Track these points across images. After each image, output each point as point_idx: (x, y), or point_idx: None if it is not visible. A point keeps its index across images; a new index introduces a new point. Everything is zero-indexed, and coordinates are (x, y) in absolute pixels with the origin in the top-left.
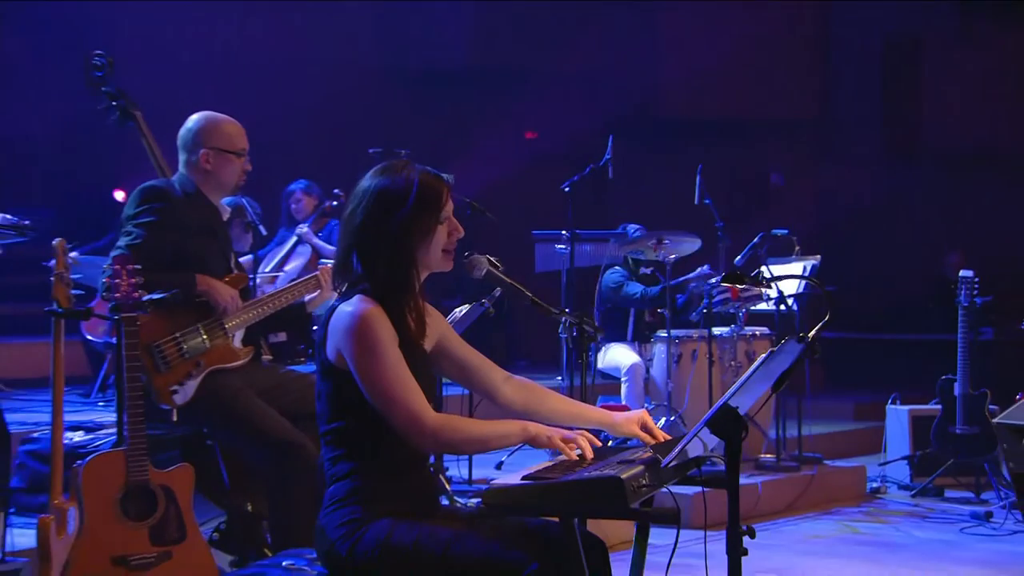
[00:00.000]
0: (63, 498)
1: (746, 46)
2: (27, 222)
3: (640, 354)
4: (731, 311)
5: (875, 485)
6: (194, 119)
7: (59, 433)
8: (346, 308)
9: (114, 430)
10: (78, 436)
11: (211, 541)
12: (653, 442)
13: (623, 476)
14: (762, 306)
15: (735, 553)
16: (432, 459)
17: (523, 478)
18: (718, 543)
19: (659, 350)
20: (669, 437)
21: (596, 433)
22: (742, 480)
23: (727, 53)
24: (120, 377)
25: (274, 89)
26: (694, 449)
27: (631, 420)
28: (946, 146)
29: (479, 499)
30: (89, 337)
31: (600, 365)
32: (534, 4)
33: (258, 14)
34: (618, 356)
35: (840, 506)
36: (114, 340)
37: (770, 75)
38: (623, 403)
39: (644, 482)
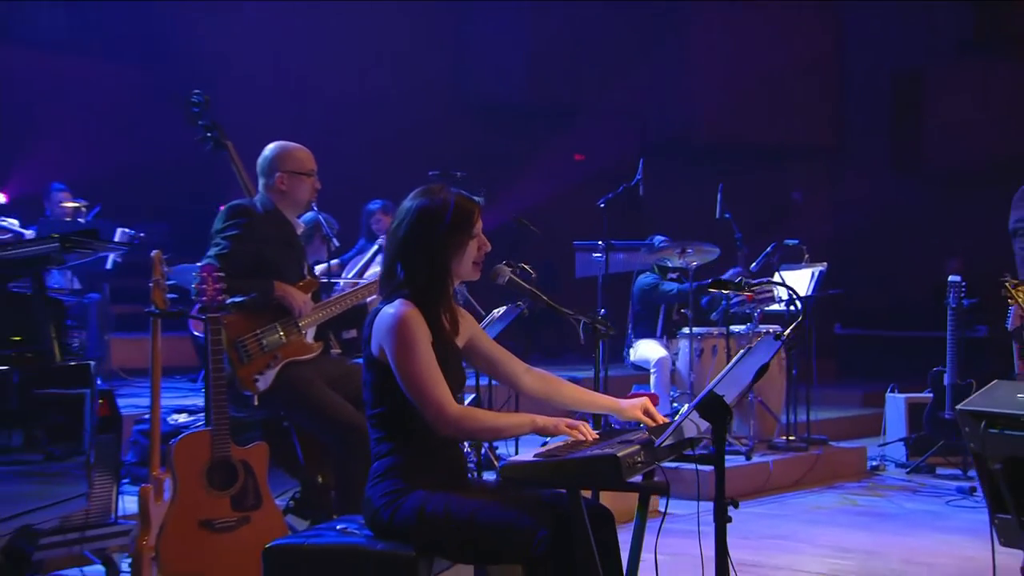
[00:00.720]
0: (160, 470)
1: (769, 81)
2: (142, 234)
3: (667, 349)
4: (747, 311)
5: (875, 463)
6: (270, 148)
7: (156, 415)
8: (388, 310)
9: None
10: (182, 418)
11: (288, 508)
12: (653, 425)
13: (619, 454)
14: (775, 307)
15: (721, 521)
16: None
17: (535, 455)
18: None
19: (683, 345)
20: (668, 421)
21: (603, 418)
22: (756, 459)
23: (752, 87)
24: (207, 368)
25: (354, 118)
26: (690, 430)
27: (635, 406)
28: (945, 164)
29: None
30: (195, 333)
31: (632, 359)
32: (583, 46)
33: (347, 52)
34: (648, 351)
35: (842, 482)
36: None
37: (790, 105)
38: (652, 391)
39: (639, 459)
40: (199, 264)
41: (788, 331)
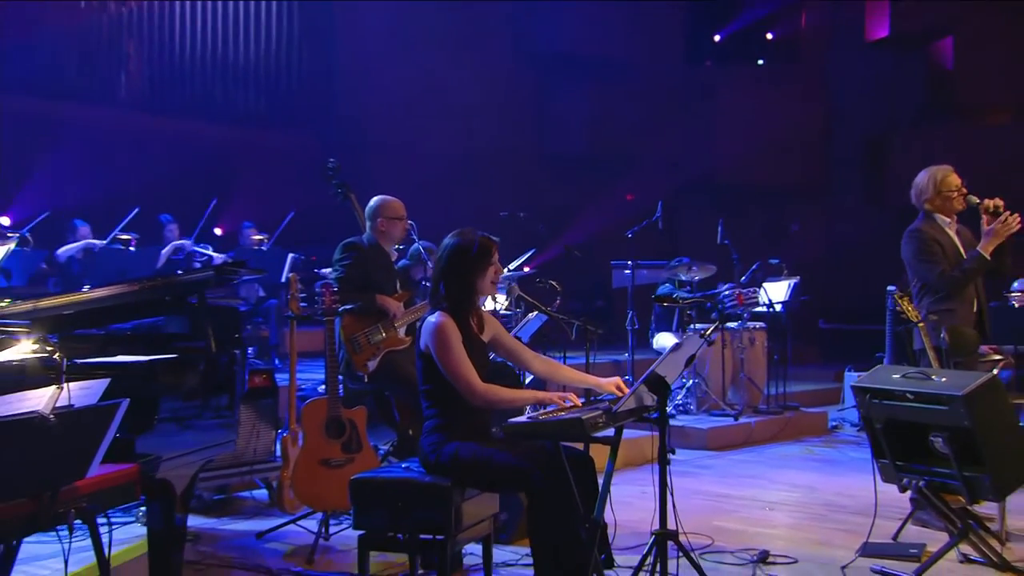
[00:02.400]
0: (296, 425)
1: (773, 138)
2: (302, 256)
3: (679, 338)
4: (739, 312)
5: (834, 424)
6: (374, 200)
7: (293, 386)
8: (431, 319)
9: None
10: (321, 388)
11: (388, 452)
12: (620, 396)
13: (584, 417)
14: (760, 309)
15: (663, 461)
16: None
17: (527, 417)
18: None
19: (693, 338)
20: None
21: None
22: (743, 420)
23: (761, 142)
24: (326, 354)
25: (458, 170)
26: (645, 400)
27: (611, 383)
28: (903, 202)
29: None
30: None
31: (655, 346)
32: (631, 108)
33: (454, 116)
34: (664, 340)
35: (808, 437)
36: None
37: (789, 157)
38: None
39: (601, 421)
40: (319, 284)
41: (710, 332)
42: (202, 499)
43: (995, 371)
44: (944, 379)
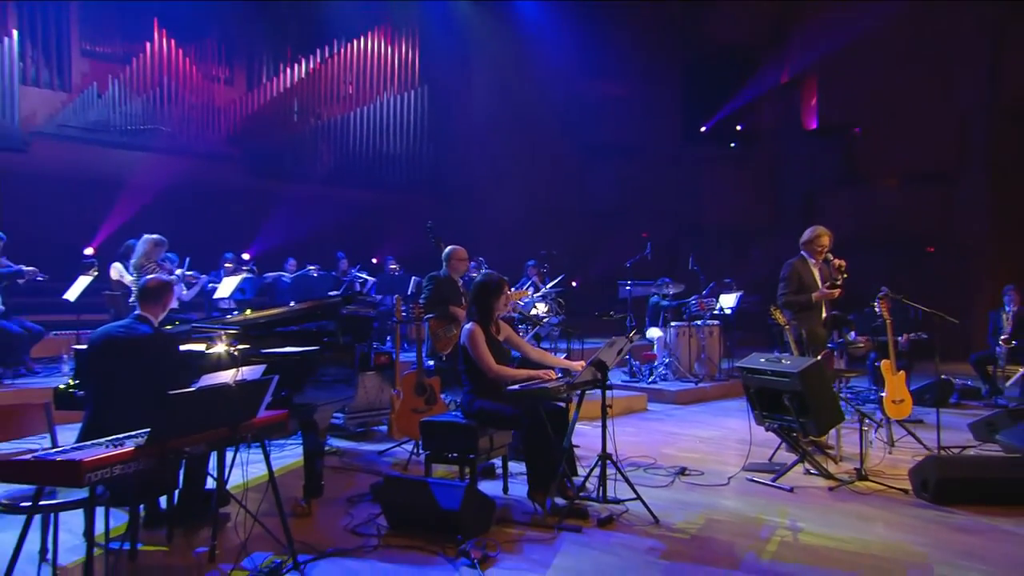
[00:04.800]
0: (400, 386)
1: (738, 194)
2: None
3: (663, 332)
4: (702, 314)
5: None
6: (447, 249)
7: (398, 362)
8: (467, 327)
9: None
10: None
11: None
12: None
13: (549, 387)
14: (719, 311)
15: (604, 413)
16: None
17: (520, 386)
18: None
19: (671, 330)
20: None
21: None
22: (702, 385)
23: (731, 197)
24: (419, 347)
25: (522, 223)
26: (596, 375)
27: (577, 365)
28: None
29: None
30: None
31: (647, 336)
32: (648, 175)
33: (517, 178)
34: (653, 333)
35: (744, 396)
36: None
37: (749, 207)
38: (655, 353)
39: (562, 388)
40: (411, 303)
41: (632, 334)
42: (349, 430)
43: (861, 354)
44: (788, 362)
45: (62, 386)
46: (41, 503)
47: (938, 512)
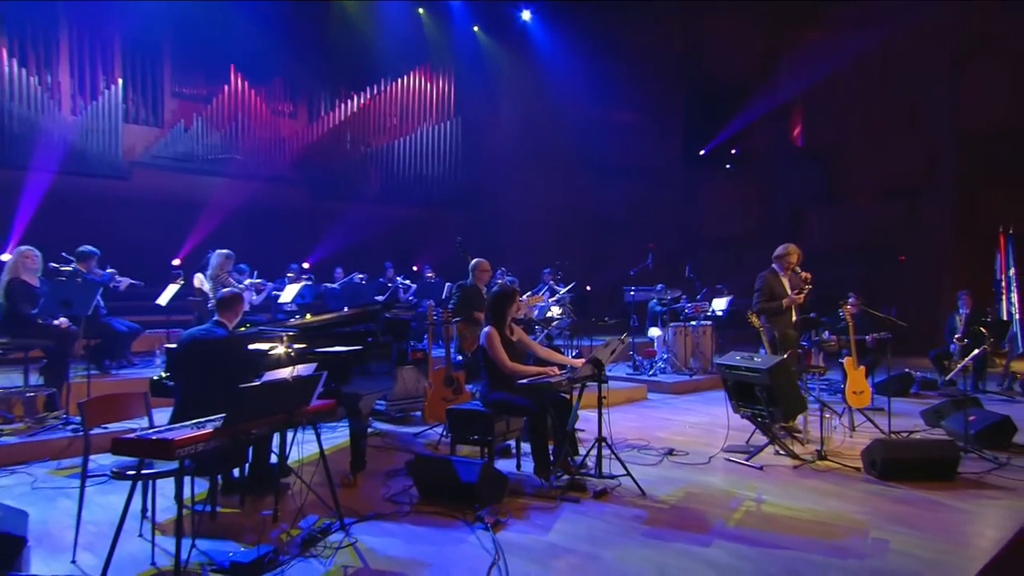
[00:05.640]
0: (431, 378)
1: (734, 209)
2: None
3: (662, 331)
4: (697, 316)
5: None
6: (473, 261)
7: (430, 356)
8: (485, 329)
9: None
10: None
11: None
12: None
13: (552, 381)
14: (711, 313)
15: (600, 404)
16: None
17: (528, 380)
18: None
19: (669, 330)
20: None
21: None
22: (695, 377)
23: (728, 212)
24: (448, 345)
25: (538, 233)
26: (593, 371)
27: (579, 362)
28: (812, 249)
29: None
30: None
31: (648, 335)
32: (653, 195)
33: (538, 197)
34: (653, 332)
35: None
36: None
37: (742, 221)
38: (655, 350)
39: (564, 382)
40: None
41: (624, 336)
42: (390, 415)
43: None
44: (759, 359)
45: (155, 377)
46: (143, 472)
47: (882, 487)
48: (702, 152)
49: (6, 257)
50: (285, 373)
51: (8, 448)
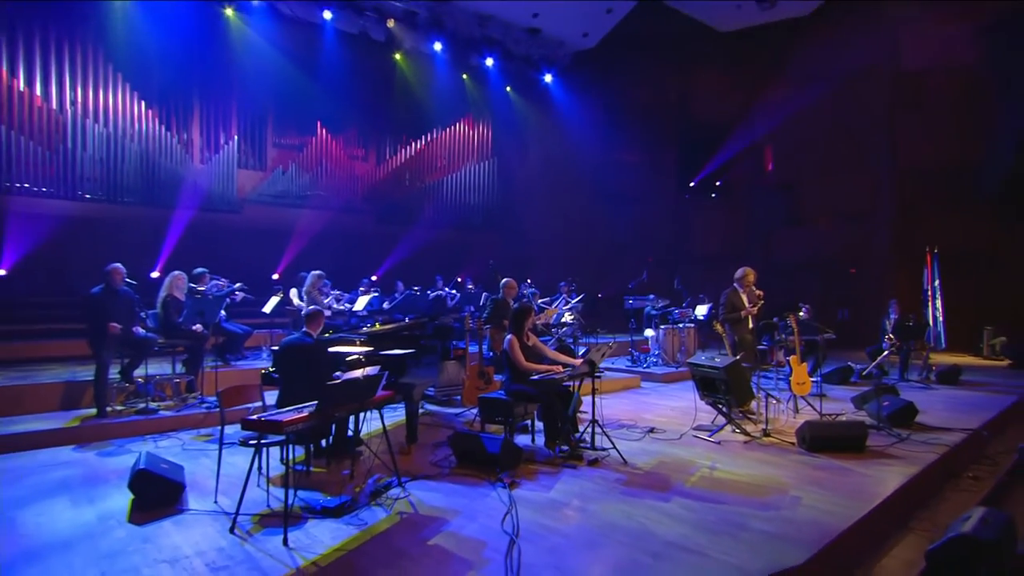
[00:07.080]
0: (467, 371)
1: (715, 233)
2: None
3: (655, 332)
4: (683, 320)
5: None
6: (503, 280)
7: (467, 352)
8: (507, 336)
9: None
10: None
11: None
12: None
13: (557, 376)
14: (694, 318)
15: (593, 393)
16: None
17: (539, 377)
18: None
19: (660, 331)
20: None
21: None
22: (682, 369)
23: (711, 234)
24: (480, 345)
25: (558, 252)
26: (582, 369)
27: (579, 361)
28: (783, 265)
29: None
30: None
31: (644, 335)
32: (650, 216)
33: (546, 218)
34: (648, 332)
35: None
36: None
37: (721, 240)
38: (649, 347)
39: (564, 377)
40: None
41: (613, 340)
42: (437, 399)
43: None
44: (719, 360)
45: (264, 370)
46: (262, 442)
47: (809, 457)
48: (692, 183)
49: (156, 275)
50: (357, 374)
51: (162, 420)
